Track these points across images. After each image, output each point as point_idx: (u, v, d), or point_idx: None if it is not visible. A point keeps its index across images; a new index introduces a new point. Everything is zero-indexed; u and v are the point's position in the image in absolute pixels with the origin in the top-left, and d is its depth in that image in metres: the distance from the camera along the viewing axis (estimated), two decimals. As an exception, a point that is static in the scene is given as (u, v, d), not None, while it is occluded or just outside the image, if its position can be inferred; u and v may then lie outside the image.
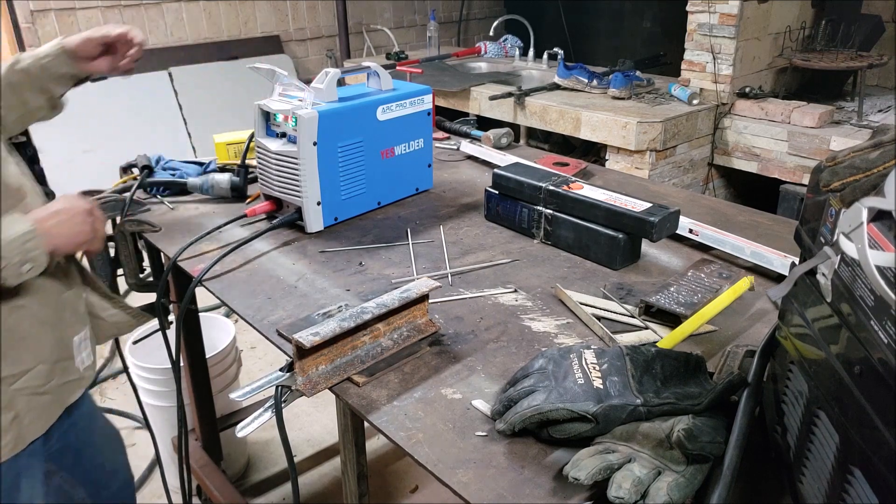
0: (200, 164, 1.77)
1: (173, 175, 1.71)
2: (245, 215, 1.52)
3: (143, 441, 2.47)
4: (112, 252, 1.57)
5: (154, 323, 1.60)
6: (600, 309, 1.17)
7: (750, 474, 0.82)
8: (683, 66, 3.21)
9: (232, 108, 4.48)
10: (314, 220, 1.48)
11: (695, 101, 3.06)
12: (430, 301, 1.13)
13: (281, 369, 0.98)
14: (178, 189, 1.68)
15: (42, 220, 1.07)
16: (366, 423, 0.98)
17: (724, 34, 3.01)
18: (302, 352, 0.94)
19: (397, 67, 3.67)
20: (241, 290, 1.27)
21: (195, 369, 2.00)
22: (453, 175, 1.85)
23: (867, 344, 0.59)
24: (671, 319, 1.12)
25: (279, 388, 0.96)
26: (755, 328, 1.12)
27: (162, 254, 1.51)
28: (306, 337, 0.93)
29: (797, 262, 0.82)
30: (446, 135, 2.16)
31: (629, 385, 0.86)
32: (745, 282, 1.17)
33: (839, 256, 0.65)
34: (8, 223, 1.02)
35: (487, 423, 0.90)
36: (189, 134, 4.50)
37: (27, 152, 4.73)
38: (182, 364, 1.85)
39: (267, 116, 1.49)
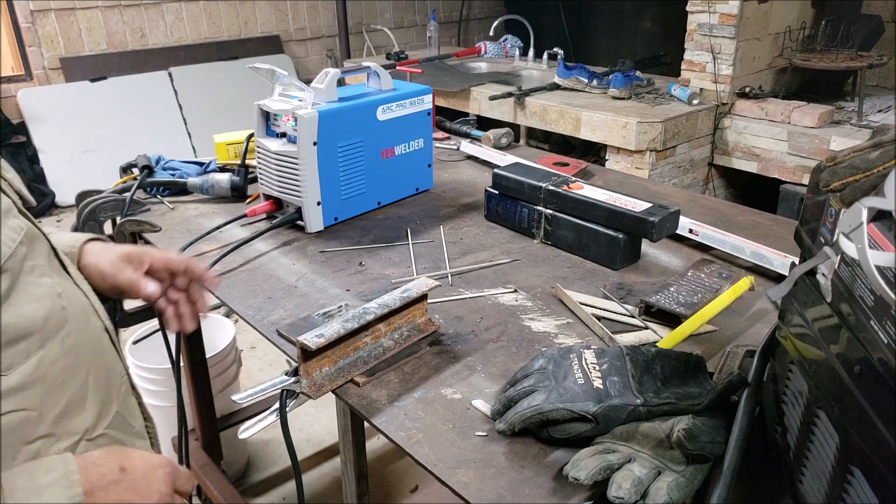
0: (200, 164, 1.77)
1: (173, 175, 1.71)
2: (245, 215, 1.52)
3: (143, 441, 2.47)
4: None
5: (154, 323, 1.60)
6: (600, 309, 1.17)
7: (750, 474, 0.82)
8: (683, 66, 3.21)
9: (232, 108, 4.49)
10: (314, 220, 1.48)
11: (695, 101, 3.06)
12: (430, 301, 1.13)
13: (286, 373, 0.97)
14: (178, 189, 1.68)
15: (104, 492, 0.69)
16: (366, 423, 0.98)
17: (724, 34, 3.01)
18: (307, 354, 0.94)
19: (397, 67, 3.68)
20: (241, 290, 1.27)
21: (195, 369, 2.00)
22: (453, 175, 1.85)
23: (867, 344, 0.59)
24: (671, 319, 1.12)
25: (284, 391, 0.95)
26: (755, 328, 1.12)
27: (162, 254, 1.51)
28: (311, 339, 0.93)
29: (797, 262, 0.82)
30: (446, 135, 2.16)
31: (629, 385, 0.86)
32: (745, 282, 1.17)
33: (839, 256, 0.65)
34: (55, 480, 0.67)
35: (487, 423, 0.90)
36: (189, 134, 4.50)
37: (27, 152, 4.73)
38: (182, 364, 1.84)
39: (267, 116, 1.49)
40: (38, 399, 0.71)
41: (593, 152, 3.24)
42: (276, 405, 0.95)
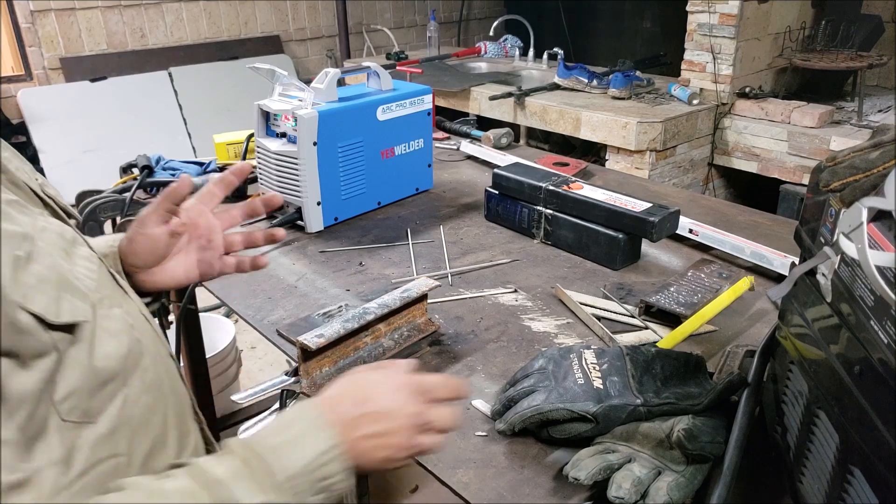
0: (200, 164, 1.77)
1: (173, 175, 1.71)
2: (245, 215, 1.51)
3: (143, 441, 2.46)
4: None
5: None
6: (600, 309, 1.17)
7: (750, 474, 0.82)
8: (683, 66, 3.21)
9: (232, 108, 4.48)
10: (314, 220, 1.48)
11: (695, 101, 3.06)
12: (430, 301, 1.13)
13: (286, 373, 0.97)
14: (178, 189, 1.68)
15: (352, 429, 0.66)
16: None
17: (724, 34, 3.01)
18: (307, 354, 0.94)
19: (397, 67, 3.68)
20: (241, 290, 1.27)
21: (195, 369, 2.00)
22: (453, 175, 1.85)
23: (867, 344, 0.59)
24: (671, 319, 1.12)
25: (284, 392, 0.95)
26: (755, 328, 1.12)
27: (162, 254, 1.51)
28: (311, 339, 0.93)
29: (797, 262, 0.82)
30: (446, 135, 2.16)
31: (629, 385, 0.86)
32: (746, 282, 1.17)
33: (839, 256, 0.65)
34: (303, 430, 0.65)
35: (487, 423, 0.90)
36: (189, 134, 4.50)
37: (27, 152, 4.74)
38: (182, 364, 1.85)
39: (267, 116, 1.49)
40: (126, 442, 0.65)
41: (593, 152, 3.24)
42: (276, 405, 0.95)
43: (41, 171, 4.05)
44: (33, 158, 4.06)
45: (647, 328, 1.12)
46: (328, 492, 0.64)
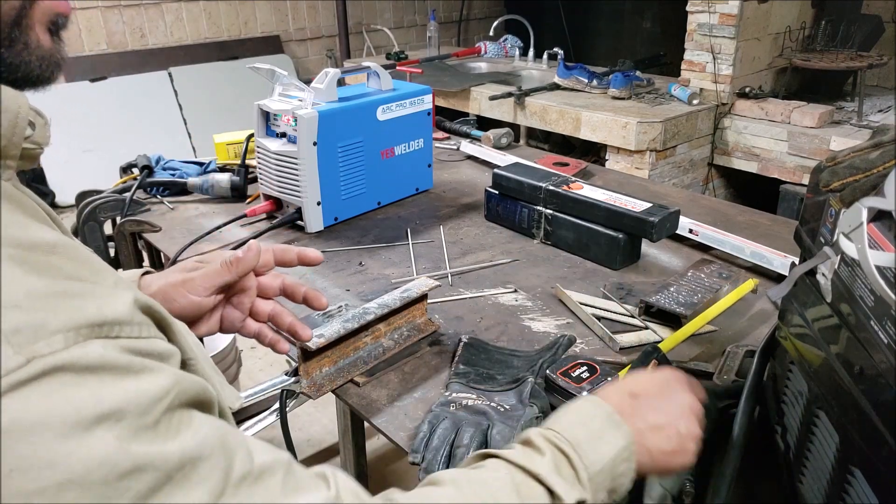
0: (200, 164, 1.77)
1: (173, 175, 1.71)
2: (245, 215, 1.52)
3: (143, 441, 2.46)
4: (112, 252, 1.57)
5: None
6: (600, 309, 1.17)
7: (750, 474, 0.82)
8: (683, 66, 3.21)
9: (232, 108, 4.48)
10: (314, 220, 1.48)
11: (695, 101, 3.06)
12: (430, 301, 1.13)
13: (286, 373, 0.97)
14: (178, 189, 1.68)
15: (640, 429, 0.67)
16: (366, 423, 0.97)
17: (724, 34, 3.01)
18: (307, 354, 0.94)
19: (397, 67, 3.67)
20: (241, 290, 1.26)
21: (195, 369, 1.99)
22: (453, 175, 1.85)
23: (867, 344, 0.59)
24: (671, 319, 1.12)
25: (284, 392, 0.95)
26: (756, 328, 1.12)
27: (162, 254, 1.51)
28: (311, 339, 0.93)
29: (797, 262, 0.82)
30: (446, 135, 2.16)
31: None
32: (749, 284, 1.17)
33: (839, 256, 0.65)
34: (604, 425, 0.66)
35: (487, 423, 0.90)
36: (189, 134, 4.50)
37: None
38: (182, 364, 1.84)
39: (267, 116, 1.49)
40: None
41: (593, 152, 3.24)
42: (276, 405, 0.95)
43: (41, 170, 4.05)
44: (33, 158, 4.06)
45: (646, 328, 1.12)
46: (617, 492, 0.65)
